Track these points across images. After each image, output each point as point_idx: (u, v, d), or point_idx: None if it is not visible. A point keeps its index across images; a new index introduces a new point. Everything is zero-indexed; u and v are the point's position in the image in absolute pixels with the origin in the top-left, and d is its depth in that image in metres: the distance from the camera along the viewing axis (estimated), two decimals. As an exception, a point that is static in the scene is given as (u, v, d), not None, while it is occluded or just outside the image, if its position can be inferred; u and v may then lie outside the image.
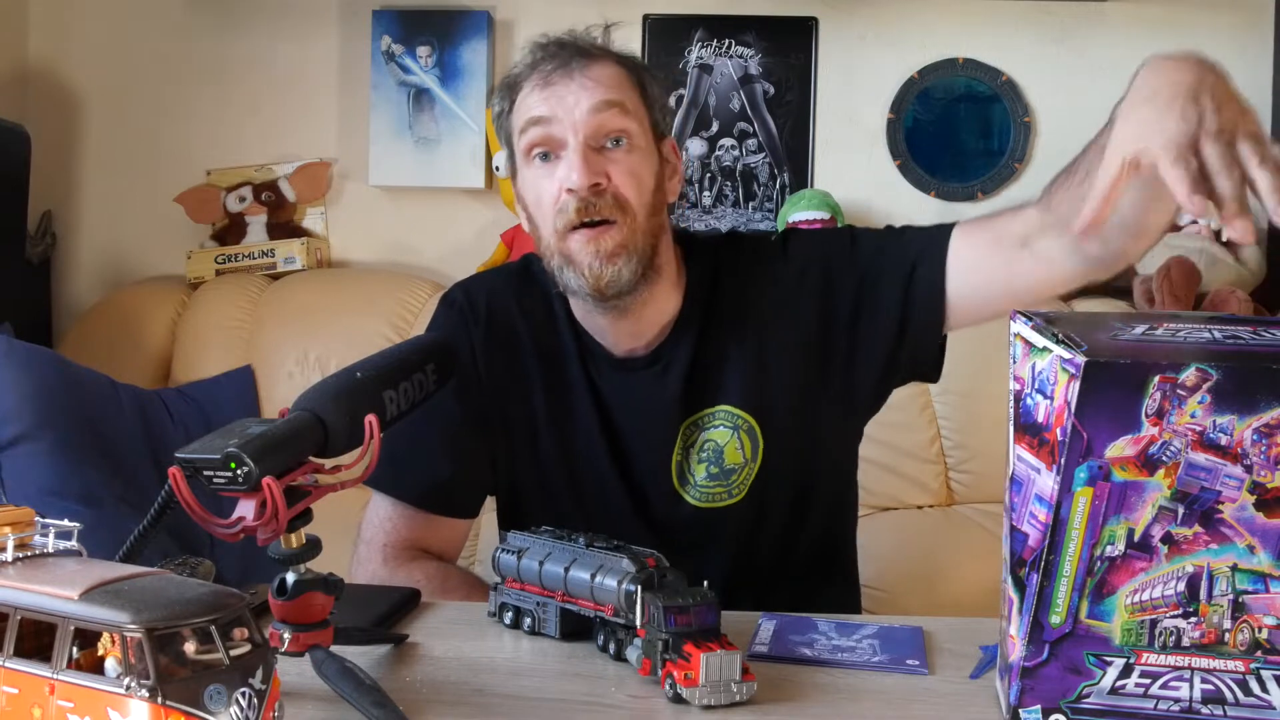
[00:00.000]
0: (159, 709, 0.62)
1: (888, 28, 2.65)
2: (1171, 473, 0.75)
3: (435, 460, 1.35)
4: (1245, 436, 0.74)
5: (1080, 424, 0.74)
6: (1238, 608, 0.77)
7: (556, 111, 1.25)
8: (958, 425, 2.32)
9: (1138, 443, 0.75)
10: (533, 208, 1.30)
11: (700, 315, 1.34)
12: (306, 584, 0.88)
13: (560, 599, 1.02)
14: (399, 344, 1.02)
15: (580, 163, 1.23)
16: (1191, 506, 0.76)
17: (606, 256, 1.24)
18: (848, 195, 2.57)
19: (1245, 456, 0.75)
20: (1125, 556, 0.77)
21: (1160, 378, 0.74)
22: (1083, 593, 0.78)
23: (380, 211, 2.75)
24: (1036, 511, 0.78)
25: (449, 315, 1.39)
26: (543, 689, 0.94)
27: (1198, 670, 0.78)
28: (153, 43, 2.77)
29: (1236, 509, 0.76)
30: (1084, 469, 0.75)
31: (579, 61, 1.27)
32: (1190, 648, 0.78)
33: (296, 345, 2.44)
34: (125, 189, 2.79)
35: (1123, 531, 0.77)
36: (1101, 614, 0.78)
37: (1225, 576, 0.77)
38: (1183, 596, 0.77)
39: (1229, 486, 0.75)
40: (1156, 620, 0.78)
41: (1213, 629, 0.77)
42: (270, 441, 0.83)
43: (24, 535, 0.72)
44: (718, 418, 1.33)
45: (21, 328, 2.30)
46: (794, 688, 0.93)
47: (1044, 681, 0.80)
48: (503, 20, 2.70)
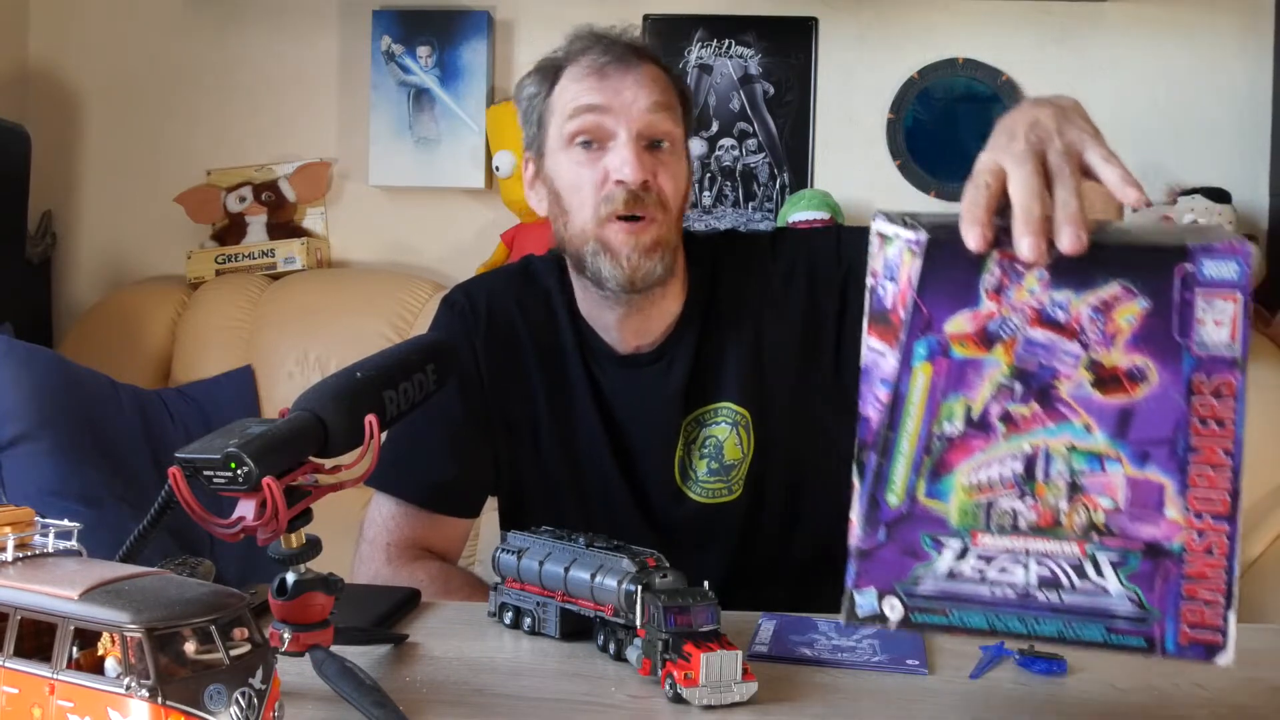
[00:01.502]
0: (159, 709, 0.62)
1: (888, 28, 2.65)
2: (1009, 349, 0.75)
3: (438, 460, 1.36)
4: (1082, 313, 0.74)
5: (921, 300, 0.75)
6: (1074, 489, 0.76)
7: (612, 103, 1.27)
8: (958, 425, 2.33)
9: (976, 318, 0.75)
10: (566, 192, 1.30)
11: (701, 313, 1.36)
12: (306, 584, 0.88)
13: (560, 599, 1.02)
14: (399, 344, 1.02)
15: (634, 157, 1.25)
16: (1029, 384, 0.75)
17: (645, 251, 1.26)
18: (848, 195, 2.58)
19: (1082, 332, 0.74)
20: (963, 435, 0.76)
21: (1000, 254, 0.74)
22: (920, 472, 0.77)
23: (380, 211, 2.75)
24: (879, 394, 0.78)
25: (450, 317, 1.40)
26: (543, 689, 0.94)
27: (1034, 554, 0.76)
28: (153, 43, 2.77)
29: (1074, 387, 0.75)
30: (923, 343, 0.76)
31: (634, 59, 1.30)
32: (1027, 530, 0.76)
33: (296, 345, 2.44)
34: (125, 189, 2.79)
35: (961, 409, 0.76)
36: (939, 493, 0.77)
37: (1062, 456, 0.75)
38: (1020, 477, 0.76)
39: (1066, 364, 0.75)
40: (993, 501, 0.77)
41: (1049, 510, 0.76)
42: (270, 441, 0.83)
43: (24, 535, 0.72)
44: (720, 414, 1.34)
45: (21, 328, 2.30)
46: (794, 688, 0.93)
47: (879, 564, 0.79)
48: (503, 20, 2.70)
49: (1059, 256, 0.74)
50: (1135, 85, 2.58)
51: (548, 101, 1.33)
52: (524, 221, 2.62)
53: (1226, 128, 2.59)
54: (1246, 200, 2.54)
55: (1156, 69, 2.58)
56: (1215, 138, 2.59)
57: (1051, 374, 0.75)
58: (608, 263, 1.27)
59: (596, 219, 1.27)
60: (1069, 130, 0.83)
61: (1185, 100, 2.59)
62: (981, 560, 0.77)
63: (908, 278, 0.76)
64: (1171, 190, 2.49)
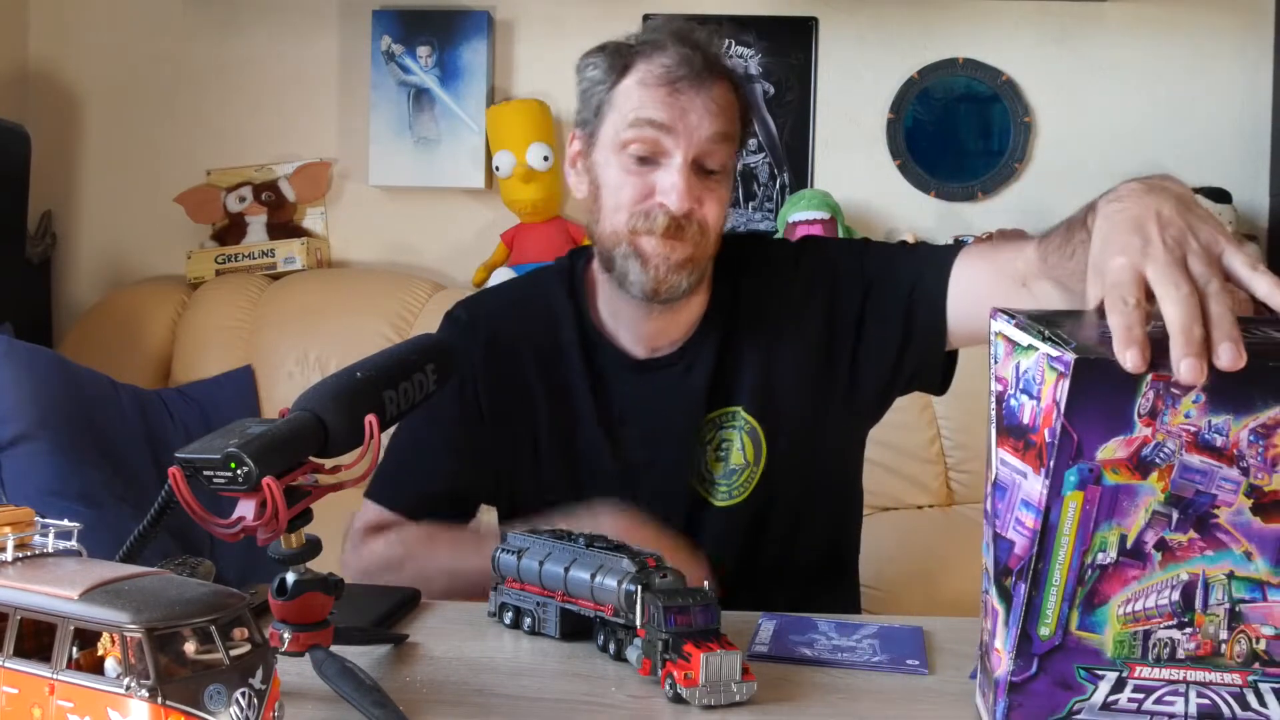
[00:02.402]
0: (159, 709, 0.62)
1: (888, 28, 2.65)
2: (1165, 475, 0.72)
3: (432, 472, 1.35)
4: (1241, 437, 0.71)
5: (1070, 425, 0.71)
6: (1234, 617, 0.74)
7: (677, 124, 1.25)
8: (958, 425, 2.32)
9: (1130, 444, 0.71)
10: (608, 192, 1.29)
11: (723, 316, 1.36)
12: (306, 584, 0.88)
13: (560, 599, 1.02)
14: (399, 344, 1.02)
15: (684, 186, 1.24)
16: (1186, 511, 0.73)
17: (675, 266, 1.26)
18: (847, 195, 2.58)
19: (1242, 458, 0.71)
20: (1117, 564, 0.74)
21: (1153, 375, 0.70)
22: (1073, 603, 0.74)
23: (380, 211, 2.75)
24: (1023, 518, 0.75)
25: (453, 332, 1.40)
26: (543, 689, 0.94)
27: (1193, 684, 0.75)
28: (153, 43, 2.77)
29: (1233, 513, 0.72)
30: (1074, 472, 0.72)
31: (708, 77, 1.27)
32: (1185, 660, 0.75)
33: (296, 345, 2.44)
34: (125, 189, 2.79)
35: (1114, 538, 0.73)
36: (1093, 625, 0.75)
37: (1221, 584, 0.73)
38: (1177, 606, 0.74)
39: (1225, 490, 0.72)
40: (1150, 631, 0.75)
41: (1209, 640, 0.74)
42: (270, 441, 0.83)
43: (24, 535, 0.72)
44: (735, 419, 1.34)
45: (21, 328, 2.30)
46: (794, 688, 0.93)
47: (1033, 697, 0.77)
48: (503, 20, 2.70)
49: (1216, 378, 0.70)
50: (1135, 85, 2.58)
51: (611, 93, 1.29)
52: (524, 221, 2.62)
53: (1226, 128, 2.59)
54: (1246, 200, 2.54)
55: (1156, 69, 2.58)
56: (1215, 138, 2.59)
57: (1209, 500, 0.72)
58: (636, 267, 1.27)
59: (631, 229, 1.27)
60: (1201, 230, 0.80)
61: (1185, 100, 2.59)
62: (1139, 692, 0.75)
63: (1053, 399, 0.72)
64: (1172, 190, 2.49)
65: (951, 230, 2.58)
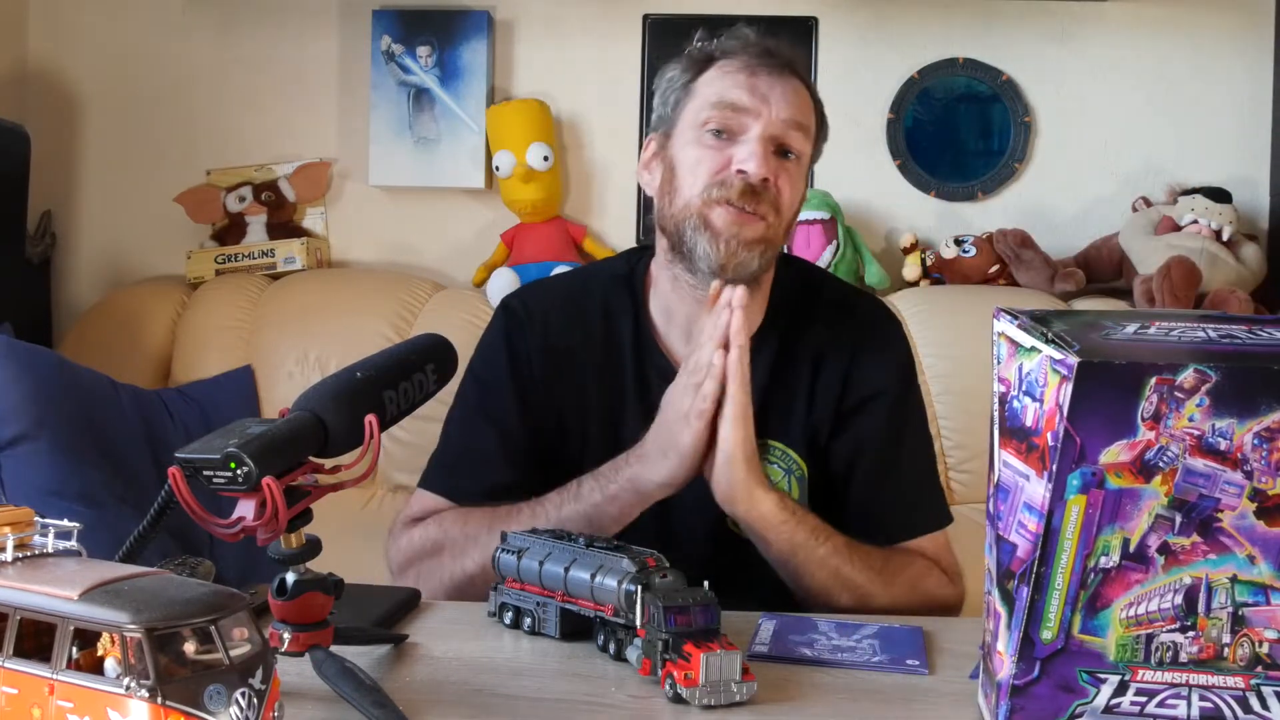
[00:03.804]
0: (159, 709, 0.62)
1: (888, 28, 2.65)
2: (1169, 479, 0.72)
3: (493, 463, 1.34)
4: (1245, 441, 0.71)
5: (1073, 428, 0.71)
6: (1237, 621, 0.74)
7: (757, 106, 1.30)
8: (958, 425, 2.32)
9: (1133, 448, 0.71)
10: (684, 171, 1.31)
11: (777, 340, 1.36)
12: (306, 584, 0.88)
13: (560, 599, 1.02)
14: (399, 344, 1.02)
15: (762, 153, 1.28)
16: (1189, 515, 0.73)
17: (746, 242, 1.27)
18: (848, 195, 2.57)
19: (1245, 462, 0.71)
20: (1120, 568, 0.74)
21: (1157, 379, 0.70)
22: (1075, 606, 0.75)
23: (380, 211, 2.75)
24: (1026, 521, 0.75)
25: (507, 321, 1.40)
26: (543, 689, 0.94)
27: (1196, 687, 0.75)
28: (153, 43, 2.77)
29: (1236, 517, 0.72)
30: (1077, 475, 0.72)
31: (789, 73, 1.35)
32: (1188, 664, 0.75)
33: (296, 345, 2.44)
34: (125, 189, 2.79)
35: (1117, 541, 0.73)
36: (1095, 629, 0.75)
37: (1224, 588, 0.74)
38: (1180, 610, 0.74)
39: (1228, 494, 0.72)
40: (1153, 635, 0.75)
41: (1211, 643, 0.74)
42: (270, 441, 0.83)
43: (24, 535, 0.72)
44: (773, 452, 1.34)
45: (21, 328, 2.30)
46: (794, 688, 0.93)
47: (1035, 700, 0.77)
48: (503, 20, 2.70)
49: (1219, 383, 0.70)
50: (1135, 85, 2.58)
51: (689, 87, 1.35)
52: (524, 222, 2.62)
53: (1226, 128, 2.59)
54: (1246, 200, 2.54)
55: (1157, 69, 2.58)
56: (1215, 138, 2.58)
57: (1213, 504, 0.72)
58: (705, 240, 1.27)
59: (705, 199, 1.28)
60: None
61: (1185, 100, 2.58)
62: (1142, 695, 0.75)
63: (1056, 402, 0.72)
64: (1172, 190, 2.49)
65: (951, 230, 2.58)
